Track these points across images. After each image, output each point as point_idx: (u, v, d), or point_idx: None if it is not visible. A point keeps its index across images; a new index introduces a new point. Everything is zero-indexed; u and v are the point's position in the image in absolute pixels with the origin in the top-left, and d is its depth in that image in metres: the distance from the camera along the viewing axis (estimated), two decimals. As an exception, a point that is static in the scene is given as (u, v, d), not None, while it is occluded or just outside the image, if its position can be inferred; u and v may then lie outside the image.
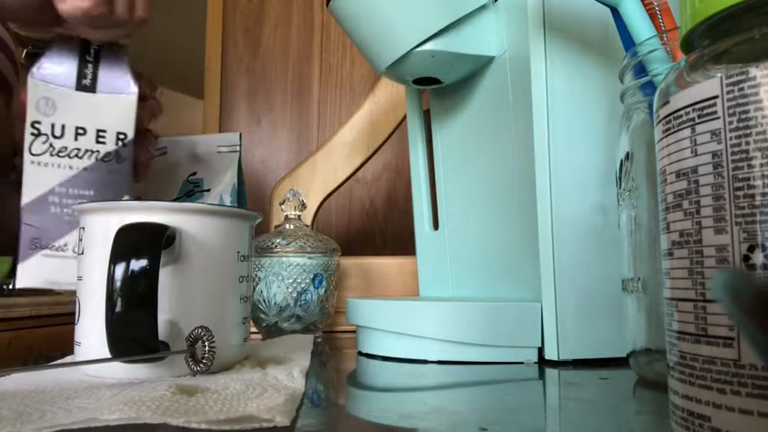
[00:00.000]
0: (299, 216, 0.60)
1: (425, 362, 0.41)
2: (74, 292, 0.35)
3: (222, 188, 0.63)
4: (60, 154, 0.46)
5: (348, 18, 0.48)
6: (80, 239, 0.34)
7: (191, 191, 0.63)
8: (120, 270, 0.29)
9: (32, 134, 0.45)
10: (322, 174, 0.75)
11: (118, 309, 0.28)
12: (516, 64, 0.46)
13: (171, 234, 0.32)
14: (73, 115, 0.46)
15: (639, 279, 0.34)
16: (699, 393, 0.18)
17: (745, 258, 0.17)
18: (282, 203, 0.61)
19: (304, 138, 0.97)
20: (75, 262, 0.45)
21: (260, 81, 0.98)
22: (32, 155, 0.45)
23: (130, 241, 0.30)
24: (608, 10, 0.37)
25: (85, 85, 0.46)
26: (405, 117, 0.67)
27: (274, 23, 0.99)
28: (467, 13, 0.47)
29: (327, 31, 0.98)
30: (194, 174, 0.64)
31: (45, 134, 0.46)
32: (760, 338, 0.12)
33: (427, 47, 0.46)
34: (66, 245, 0.45)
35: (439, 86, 0.52)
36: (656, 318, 0.33)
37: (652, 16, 0.36)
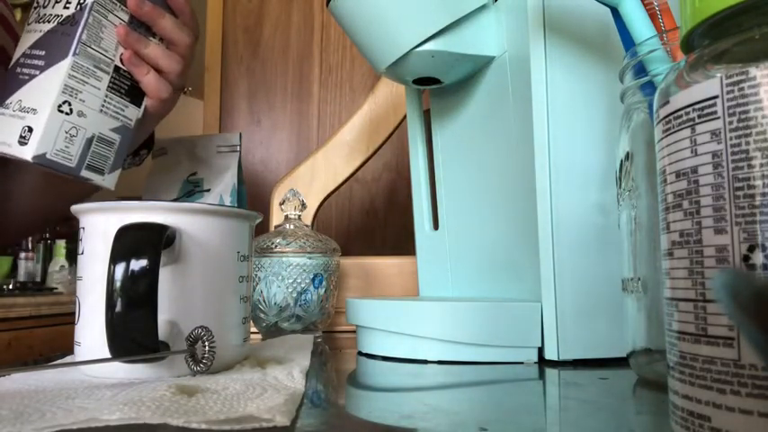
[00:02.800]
0: (299, 216, 0.60)
1: (425, 362, 0.41)
2: (73, 291, 0.35)
3: (222, 188, 0.63)
4: (40, 21, 0.47)
5: (348, 18, 0.48)
6: (80, 239, 0.34)
7: (191, 191, 0.63)
8: (120, 270, 0.29)
9: (34, 7, 0.48)
10: (322, 174, 0.75)
11: (118, 309, 0.28)
12: (516, 64, 0.46)
13: (171, 234, 0.32)
14: None
15: (639, 279, 0.34)
16: (699, 393, 0.18)
17: (745, 258, 0.17)
18: (282, 203, 0.61)
19: (304, 138, 0.97)
20: (9, 119, 0.45)
21: (260, 81, 0.98)
22: (28, 25, 0.48)
23: (130, 241, 0.30)
24: (608, 10, 0.37)
25: None
26: (405, 117, 0.67)
27: (274, 23, 0.99)
28: (467, 14, 0.47)
29: (327, 32, 0.98)
30: (194, 174, 0.64)
31: (38, 5, 0.48)
32: (760, 338, 0.12)
33: (427, 47, 0.46)
34: (9, 103, 0.45)
35: (439, 86, 0.52)
36: (656, 318, 0.33)
37: (652, 16, 0.36)
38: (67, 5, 0.47)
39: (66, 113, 0.45)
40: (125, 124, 0.50)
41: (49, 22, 0.47)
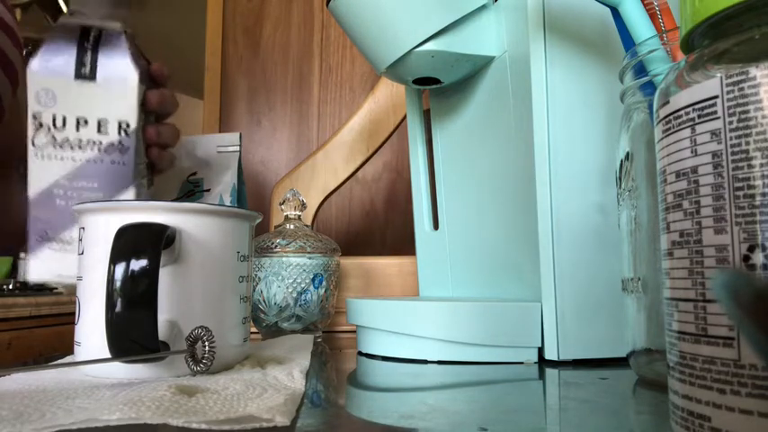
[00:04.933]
0: (299, 216, 0.60)
1: (425, 362, 0.41)
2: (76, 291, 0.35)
3: (222, 188, 0.63)
4: (63, 146, 0.45)
5: (348, 18, 0.48)
6: (80, 239, 0.34)
7: (191, 191, 0.63)
8: (120, 270, 0.29)
9: (34, 126, 0.45)
10: (322, 174, 0.75)
11: (118, 309, 0.28)
12: (516, 64, 0.46)
13: (171, 234, 0.32)
14: (73, 105, 0.45)
15: (639, 279, 0.34)
16: (699, 393, 0.18)
17: (745, 258, 0.17)
18: (282, 203, 0.61)
19: (304, 138, 0.97)
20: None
21: (260, 81, 0.98)
22: (35, 147, 0.45)
23: (130, 241, 0.30)
24: (608, 10, 0.37)
25: (84, 73, 0.45)
26: (405, 117, 0.67)
27: (274, 23, 0.99)
28: (467, 13, 0.47)
29: (327, 31, 0.98)
30: (194, 174, 0.64)
31: (46, 126, 0.45)
32: (760, 338, 0.12)
33: (427, 47, 0.46)
34: (72, 238, 0.45)
35: (439, 86, 0.52)
36: (656, 318, 0.33)
37: (652, 16, 0.36)
38: (103, 131, 0.45)
39: None
40: None
41: (81, 148, 0.45)
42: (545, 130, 0.42)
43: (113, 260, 0.29)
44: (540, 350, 0.41)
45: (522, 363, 0.40)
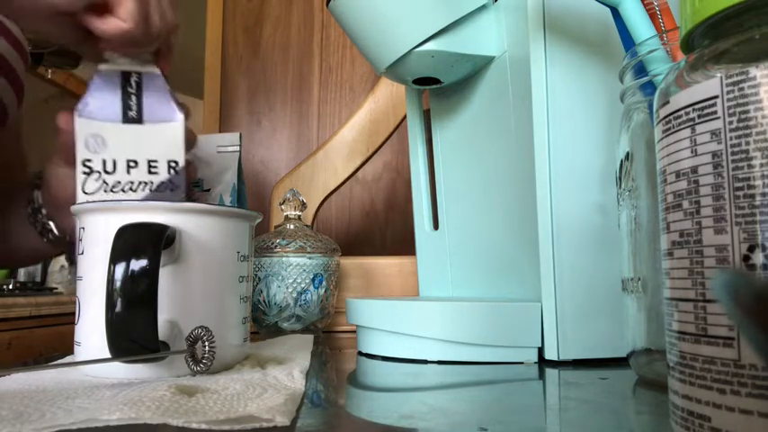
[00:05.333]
0: (299, 216, 0.60)
1: (425, 362, 0.41)
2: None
3: (222, 188, 0.63)
4: (114, 189, 0.45)
5: (348, 18, 0.48)
6: (80, 239, 0.34)
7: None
8: (120, 270, 0.29)
9: (84, 173, 0.45)
10: (322, 174, 0.75)
11: (118, 309, 0.28)
12: (516, 64, 0.46)
13: (171, 234, 0.32)
14: (123, 149, 0.45)
15: (639, 279, 0.34)
16: (699, 393, 0.18)
17: (745, 258, 0.17)
18: (282, 203, 0.61)
19: (304, 138, 0.97)
20: None
21: (260, 81, 0.98)
22: (86, 194, 0.45)
23: (130, 241, 0.30)
24: (608, 10, 0.37)
25: (132, 116, 0.46)
26: (405, 117, 0.67)
27: (274, 23, 0.99)
28: (467, 13, 0.47)
29: (327, 31, 0.98)
30: (194, 174, 0.64)
31: (97, 171, 0.45)
32: (760, 338, 0.12)
33: (427, 47, 0.46)
34: None
35: (439, 86, 0.52)
36: (656, 318, 0.33)
37: (652, 16, 0.36)
38: (153, 171, 0.45)
39: None
40: None
41: (133, 190, 0.45)
42: (545, 130, 0.42)
43: (113, 260, 0.29)
44: (540, 350, 0.41)
45: (522, 363, 0.40)
